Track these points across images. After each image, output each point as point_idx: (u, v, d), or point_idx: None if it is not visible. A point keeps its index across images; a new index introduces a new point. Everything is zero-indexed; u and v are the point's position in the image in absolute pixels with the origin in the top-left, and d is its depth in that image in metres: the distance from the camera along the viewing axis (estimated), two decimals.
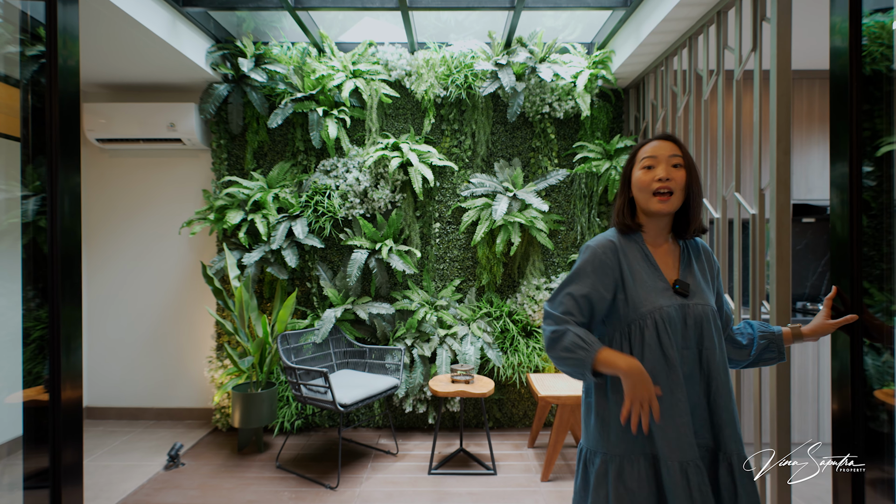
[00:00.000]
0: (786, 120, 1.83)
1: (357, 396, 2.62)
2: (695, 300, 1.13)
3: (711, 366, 1.11)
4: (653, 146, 1.15)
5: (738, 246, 2.17)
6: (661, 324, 1.09)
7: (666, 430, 1.07)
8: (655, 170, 1.12)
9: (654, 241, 1.19)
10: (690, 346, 1.12)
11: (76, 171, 1.35)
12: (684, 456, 1.05)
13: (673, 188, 1.12)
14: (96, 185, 3.53)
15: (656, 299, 1.11)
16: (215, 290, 2.96)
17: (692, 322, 1.12)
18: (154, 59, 2.91)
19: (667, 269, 1.17)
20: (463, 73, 3.27)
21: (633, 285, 1.13)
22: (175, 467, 2.78)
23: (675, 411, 1.07)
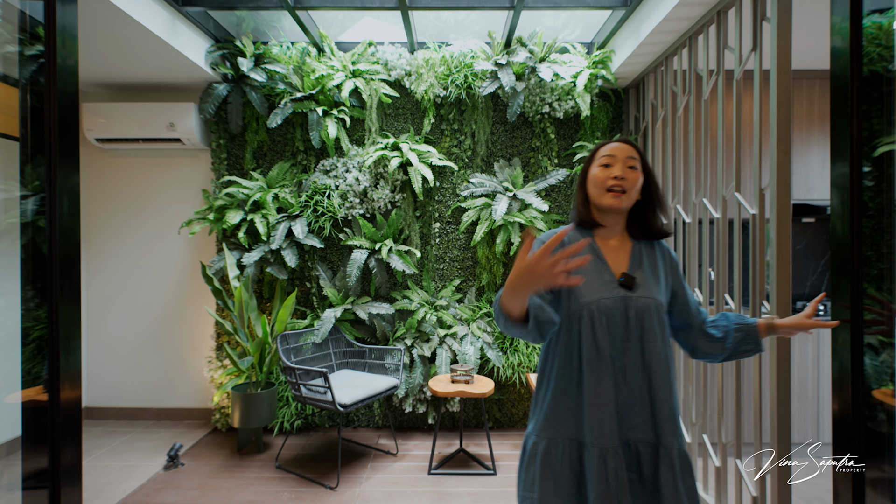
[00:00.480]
0: (786, 120, 1.83)
1: (357, 396, 2.62)
2: (638, 293, 1.15)
3: (653, 359, 1.13)
4: (612, 147, 1.19)
5: (738, 246, 2.17)
6: (596, 315, 1.13)
7: (590, 418, 1.11)
8: (612, 168, 1.17)
9: (607, 236, 1.23)
10: (632, 339, 1.14)
11: (75, 170, 1.34)
12: (605, 442, 1.09)
13: (626, 187, 1.16)
14: (96, 184, 3.52)
15: (596, 292, 1.15)
16: (215, 290, 2.96)
17: (634, 314, 1.14)
18: (153, 58, 2.90)
19: (616, 264, 1.20)
20: (463, 73, 3.27)
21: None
22: (174, 467, 2.77)
23: (601, 400, 1.11)
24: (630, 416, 1.13)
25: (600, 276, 1.17)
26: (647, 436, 1.12)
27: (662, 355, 1.14)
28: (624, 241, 1.23)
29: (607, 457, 1.09)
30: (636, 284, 1.16)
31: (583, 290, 1.15)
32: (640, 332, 1.14)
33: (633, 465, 1.13)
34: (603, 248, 1.22)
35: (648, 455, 1.12)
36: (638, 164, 1.18)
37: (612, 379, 1.12)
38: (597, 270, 1.18)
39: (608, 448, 1.09)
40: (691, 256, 2.54)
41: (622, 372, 1.13)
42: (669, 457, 1.10)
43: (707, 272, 2.43)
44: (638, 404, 1.13)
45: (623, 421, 1.12)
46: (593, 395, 1.11)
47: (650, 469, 1.12)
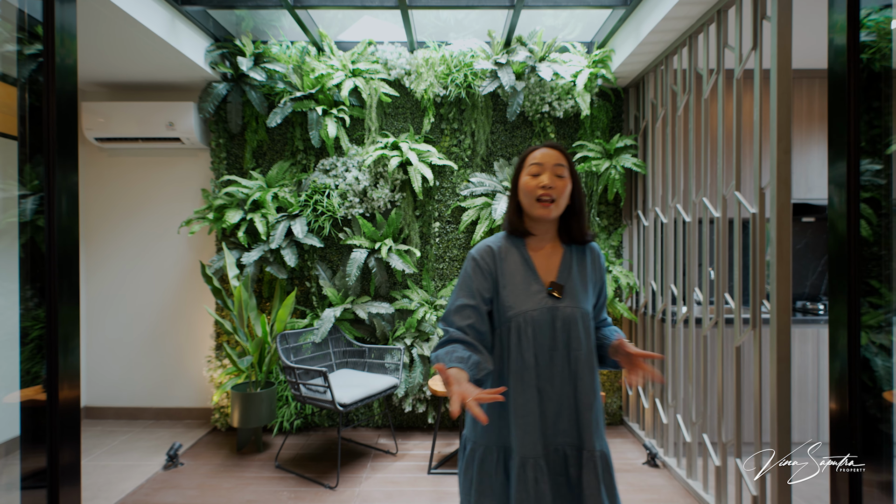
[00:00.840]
0: (786, 119, 1.82)
1: (356, 396, 2.62)
2: (565, 303, 1.17)
3: (578, 366, 1.16)
4: (540, 153, 1.19)
5: (738, 245, 2.17)
6: (522, 327, 1.15)
7: (516, 428, 1.15)
8: (540, 177, 1.17)
9: (538, 244, 1.24)
10: (559, 348, 1.16)
11: (74, 169, 1.34)
12: (527, 452, 1.13)
13: (555, 196, 1.16)
14: (95, 184, 3.52)
15: (524, 303, 1.17)
16: (214, 289, 2.95)
17: (560, 324, 1.16)
18: (153, 57, 2.90)
19: (546, 273, 1.21)
20: (462, 72, 3.26)
21: (504, 290, 1.19)
22: (174, 467, 2.77)
23: (524, 411, 1.15)
24: (559, 422, 1.16)
25: (529, 287, 1.18)
26: (572, 440, 1.16)
27: (587, 363, 1.17)
28: (556, 248, 1.24)
29: (527, 466, 1.13)
30: (564, 293, 1.18)
31: (511, 301, 1.17)
32: (567, 341, 1.16)
33: (560, 469, 1.17)
34: (534, 256, 1.22)
35: (574, 458, 1.16)
36: (566, 171, 1.18)
37: (536, 389, 1.15)
38: (526, 281, 1.19)
39: (529, 458, 1.13)
40: (691, 256, 2.54)
41: (550, 381, 1.16)
42: (592, 460, 1.14)
43: (707, 272, 2.43)
44: (565, 411, 1.16)
45: (552, 427, 1.16)
46: (517, 406, 1.15)
47: (575, 471, 1.16)
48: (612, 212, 3.43)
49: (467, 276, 1.21)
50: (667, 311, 2.81)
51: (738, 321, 2.13)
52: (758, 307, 2.00)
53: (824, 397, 2.87)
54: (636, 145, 3.28)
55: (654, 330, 2.99)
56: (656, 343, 2.97)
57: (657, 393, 2.97)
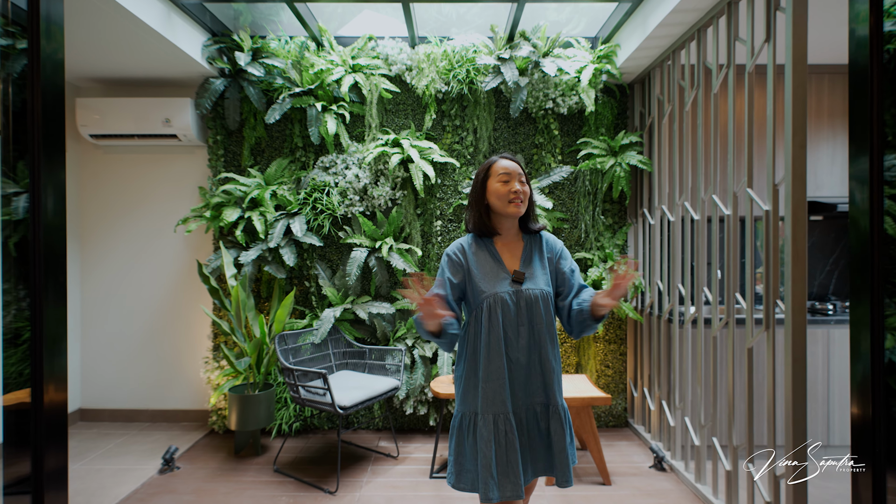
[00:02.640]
0: (802, 112, 1.76)
1: (357, 398, 2.55)
2: (527, 286, 1.43)
3: (540, 338, 1.42)
4: (507, 166, 1.45)
5: (749, 244, 2.11)
6: (493, 306, 1.40)
7: (485, 391, 1.40)
8: (510, 183, 1.43)
9: (504, 240, 1.51)
10: (525, 323, 1.41)
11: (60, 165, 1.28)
12: (497, 410, 1.38)
13: (523, 198, 1.45)
14: (91, 181, 3.46)
15: (493, 287, 1.42)
16: (211, 289, 2.89)
17: (524, 304, 1.41)
18: (148, 52, 2.84)
19: (510, 262, 1.48)
20: (465, 68, 3.20)
21: (476, 277, 1.44)
22: (170, 471, 2.71)
23: (494, 375, 1.39)
24: (530, 385, 1.43)
25: (497, 275, 1.44)
26: (542, 398, 1.44)
27: (547, 335, 1.43)
28: (518, 242, 1.52)
29: (498, 421, 1.38)
30: (525, 279, 1.44)
31: (483, 286, 1.43)
32: (530, 318, 1.42)
33: (534, 423, 1.43)
34: (500, 250, 1.49)
35: (543, 413, 1.44)
36: (525, 179, 1.46)
37: (507, 357, 1.41)
38: (494, 269, 1.45)
39: (500, 414, 1.38)
40: (700, 254, 2.47)
41: (518, 351, 1.41)
42: (557, 413, 1.42)
43: (715, 271, 2.37)
44: (534, 375, 1.43)
45: (524, 389, 1.43)
46: (487, 372, 1.40)
47: (545, 423, 1.43)
48: (616, 210, 3.37)
49: (441, 270, 1.49)
50: (674, 311, 2.75)
51: (749, 322, 2.07)
52: (771, 307, 1.94)
53: (834, 399, 2.81)
54: (642, 142, 3.22)
55: (661, 330, 2.93)
56: (663, 343, 2.91)
57: (664, 395, 2.91)
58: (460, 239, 1.52)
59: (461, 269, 1.46)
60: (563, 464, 1.40)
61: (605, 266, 3.20)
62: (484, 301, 1.41)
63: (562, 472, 1.39)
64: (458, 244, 1.50)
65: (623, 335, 3.39)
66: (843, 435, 2.80)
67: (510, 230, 1.50)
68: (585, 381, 2.85)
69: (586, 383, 2.81)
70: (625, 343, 3.39)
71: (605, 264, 3.22)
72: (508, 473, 1.35)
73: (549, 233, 1.57)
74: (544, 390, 1.43)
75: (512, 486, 1.34)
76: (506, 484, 1.34)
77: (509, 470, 1.35)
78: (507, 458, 1.35)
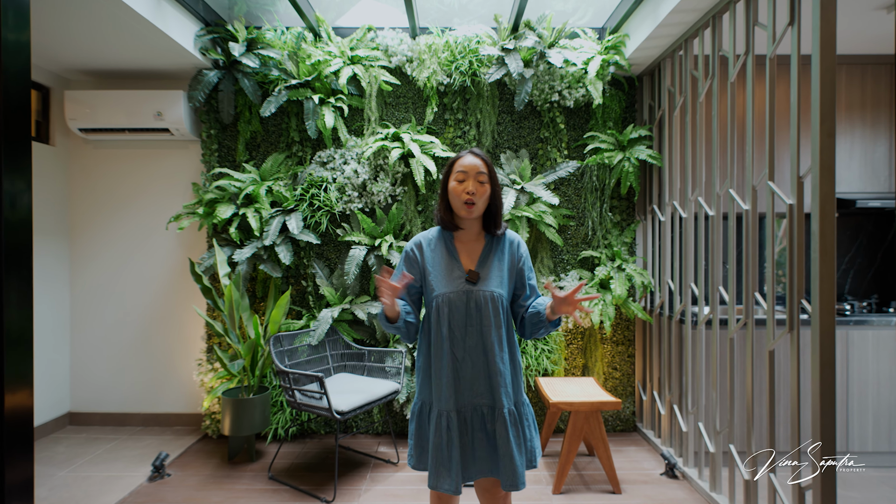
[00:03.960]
0: (830, 98, 1.65)
1: (355, 403, 2.44)
2: (480, 287, 1.40)
3: (487, 340, 1.40)
4: (466, 164, 1.41)
5: (769, 241, 1.99)
6: (442, 306, 1.40)
7: (434, 387, 1.42)
8: (466, 183, 1.40)
9: (465, 236, 1.48)
10: (474, 324, 1.40)
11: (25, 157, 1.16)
12: (442, 406, 1.39)
13: (476, 200, 1.39)
14: (80, 177, 3.34)
15: (445, 287, 1.41)
16: (204, 288, 2.78)
17: (473, 305, 1.40)
18: (138, 42, 2.72)
19: (468, 260, 1.45)
20: (467, 59, 3.08)
21: (430, 275, 1.44)
22: (160, 478, 2.59)
23: (440, 374, 1.40)
24: (476, 385, 1.41)
25: (452, 273, 1.43)
26: (488, 400, 1.41)
27: (496, 337, 1.40)
28: (479, 240, 1.48)
29: (442, 417, 1.39)
30: (479, 279, 1.41)
31: (435, 284, 1.42)
32: (479, 319, 1.40)
33: (480, 425, 1.41)
34: (459, 247, 1.47)
35: (489, 415, 1.41)
36: (486, 177, 1.41)
37: (453, 356, 1.40)
38: (450, 267, 1.44)
39: (444, 411, 1.39)
40: (715, 252, 2.36)
41: (466, 350, 1.40)
42: (502, 415, 1.38)
43: (733, 269, 2.25)
44: (481, 376, 1.41)
45: (470, 390, 1.41)
46: (435, 370, 1.41)
47: (491, 425, 1.41)
48: (624, 207, 3.25)
49: (399, 265, 1.51)
50: (686, 311, 2.64)
51: (770, 323, 1.96)
52: (796, 307, 1.82)
53: (853, 403, 2.69)
54: (651, 136, 3.10)
55: (672, 331, 2.81)
56: (674, 345, 2.79)
57: (675, 399, 2.79)
58: (422, 233, 1.52)
59: (416, 266, 1.47)
60: (508, 468, 1.36)
61: (613, 265, 3.08)
62: (435, 299, 1.41)
63: (506, 475, 1.36)
64: (417, 240, 1.50)
65: (631, 336, 3.27)
66: (864, 440, 2.68)
67: (471, 229, 1.47)
68: (594, 385, 2.73)
69: (594, 387, 2.70)
70: (633, 345, 3.28)
71: (614, 263, 3.10)
72: (449, 468, 1.37)
73: (514, 233, 1.53)
74: (490, 392, 1.41)
75: (449, 481, 1.36)
76: (445, 478, 1.37)
77: (450, 465, 1.37)
78: (449, 454, 1.37)
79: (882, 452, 2.68)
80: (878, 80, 3.00)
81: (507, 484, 1.36)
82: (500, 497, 1.47)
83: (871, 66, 2.99)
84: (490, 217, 1.47)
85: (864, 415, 2.68)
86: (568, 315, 1.35)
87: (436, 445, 1.38)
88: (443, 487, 1.36)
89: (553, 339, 3.14)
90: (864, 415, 2.68)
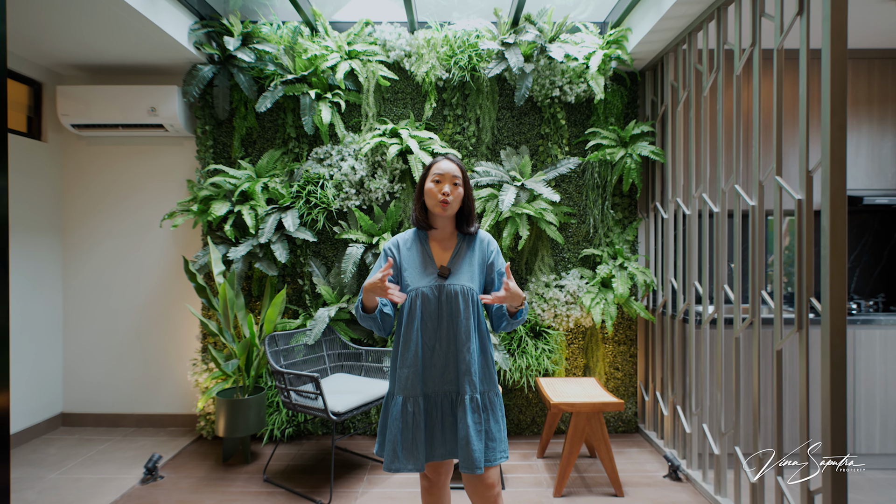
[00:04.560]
0: (841, 89, 1.59)
1: (352, 403, 2.38)
2: (451, 282, 1.51)
3: (458, 332, 1.50)
4: (442, 168, 1.53)
5: (776, 237, 1.93)
6: (416, 300, 1.50)
7: (401, 375, 1.50)
8: (441, 185, 1.52)
9: (438, 236, 1.59)
10: (444, 317, 1.50)
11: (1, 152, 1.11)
12: (408, 393, 1.49)
13: (450, 200, 1.52)
14: (74, 174, 3.29)
15: (419, 281, 1.51)
16: (198, 286, 2.72)
17: (444, 299, 1.50)
18: (131, 35, 2.67)
19: (440, 258, 1.56)
20: (467, 54, 3.03)
21: (405, 272, 1.54)
22: (153, 480, 2.54)
23: (409, 362, 1.50)
24: (446, 373, 1.51)
25: (425, 269, 1.54)
26: (455, 387, 1.51)
27: (464, 329, 1.49)
28: (452, 239, 1.60)
29: (409, 403, 1.48)
30: (451, 274, 1.52)
31: (409, 280, 1.53)
32: (449, 312, 1.50)
33: (448, 410, 1.51)
34: (433, 245, 1.59)
35: (456, 401, 1.50)
36: (460, 181, 1.54)
37: (423, 347, 1.50)
38: (423, 264, 1.55)
39: (410, 397, 1.48)
40: (720, 250, 2.30)
41: (438, 341, 1.51)
42: (464, 402, 1.47)
43: (738, 267, 2.20)
44: (451, 365, 1.51)
45: (440, 377, 1.51)
46: (404, 359, 1.50)
47: (456, 410, 1.50)
48: (626, 204, 3.20)
49: (378, 263, 1.59)
50: (690, 310, 2.58)
51: (778, 322, 1.90)
52: (804, 305, 1.77)
53: (861, 405, 2.63)
54: (654, 132, 3.05)
55: (675, 331, 2.76)
56: (677, 345, 2.74)
57: (678, 399, 2.74)
58: (399, 234, 1.63)
59: (394, 264, 1.56)
60: (465, 451, 1.44)
61: (614, 263, 3.03)
62: (410, 294, 1.51)
63: (463, 458, 1.45)
64: (394, 240, 1.61)
65: (633, 336, 3.22)
66: (871, 442, 2.63)
67: (445, 228, 1.58)
68: (595, 386, 2.68)
69: (596, 387, 2.64)
70: (635, 344, 3.22)
71: (615, 261, 3.05)
72: (412, 450, 1.46)
73: (486, 233, 1.65)
74: (457, 380, 1.50)
75: (414, 461, 1.46)
76: (409, 459, 1.46)
77: (413, 447, 1.46)
78: (413, 436, 1.47)
79: (890, 454, 2.63)
80: (885, 75, 2.95)
81: (465, 466, 1.44)
82: (487, 493, 1.51)
83: (879, 61, 2.93)
84: (462, 217, 1.59)
85: (871, 416, 2.63)
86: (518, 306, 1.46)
87: (401, 429, 1.47)
88: (408, 468, 1.46)
89: (554, 339, 3.09)
90: (871, 416, 2.63)
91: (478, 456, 1.43)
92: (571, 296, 3.09)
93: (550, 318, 3.12)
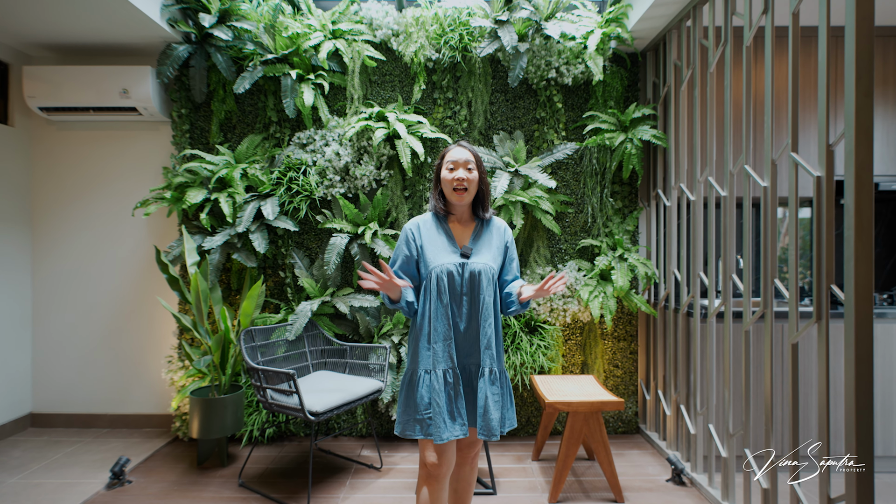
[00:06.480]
0: (868, 51, 1.43)
1: (331, 403, 2.21)
2: (473, 260, 1.58)
3: (481, 308, 1.56)
4: (455, 155, 1.59)
5: (793, 222, 1.77)
6: (440, 277, 1.55)
7: (435, 350, 1.55)
8: (456, 171, 1.58)
9: (458, 220, 1.66)
10: (468, 293, 1.57)
11: None
12: (446, 365, 1.54)
13: (467, 186, 1.58)
14: (42, 161, 3.11)
15: (442, 259, 1.57)
16: (170, 278, 2.55)
17: (468, 276, 1.56)
18: (100, 11, 2.49)
19: (461, 239, 1.64)
20: (458, 32, 2.86)
21: (427, 251, 1.59)
22: (119, 485, 2.37)
23: (439, 336, 1.55)
24: (468, 347, 1.58)
25: (447, 249, 1.60)
26: (475, 360, 1.58)
27: (488, 306, 1.56)
28: (470, 222, 1.67)
29: (447, 374, 1.54)
30: (472, 254, 1.59)
31: (432, 258, 1.58)
32: (471, 288, 1.57)
33: (469, 381, 1.58)
34: (453, 228, 1.65)
35: (475, 373, 1.57)
36: (475, 166, 1.60)
37: (449, 322, 1.55)
38: (445, 245, 1.61)
39: (449, 369, 1.55)
40: (728, 237, 2.14)
41: (461, 317, 1.57)
42: (484, 373, 1.55)
43: (747, 257, 2.03)
44: (472, 340, 1.58)
45: (464, 351, 1.58)
46: (433, 333, 1.55)
47: (476, 381, 1.57)
48: (627, 192, 3.03)
49: (398, 246, 1.65)
50: (695, 303, 2.41)
51: (793, 314, 1.74)
52: (825, 295, 1.60)
53: (878, 401, 2.47)
54: (655, 115, 2.88)
55: (678, 325, 2.59)
56: (681, 341, 2.57)
57: (681, 398, 2.57)
58: (419, 216, 1.67)
59: (414, 245, 1.61)
60: (485, 419, 1.53)
61: (614, 254, 2.87)
62: (433, 271, 1.56)
63: (483, 425, 1.53)
64: (415, 221, 1.65)
65: (634, 331, 3.05)
66: (888, 443, 2.47)
67: (463, 213, 1.66)
68: (594, 384, 2.51)
69: (595, 385, 2.48)
70: (636, 340, 3.06)
71: (615, 252, 2.88)
72: (456, 417, 1.53)
73: (501, 220, 1.72)
74: (479, 354, 1.57)
75: (460, 427, 1.53)
76: (455, 426, 1.52)
77: (457, 414, 1.54)
78: (456, 405, 1.54)
79: None
80: None
81: (483, 433, 1.52)
82: (470, 452, 1.67)
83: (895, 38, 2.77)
84: (477, 201, 1.65)
85: (888, 415, 2.47)
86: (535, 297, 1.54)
87: (444, 401, 1.51)
88: (455, 434, 1.51)
89: (550, 335, 2.92)
90: (888, 415, 2.47)
91: (495, 424, 1.53)
92: (568, 289, 2.92)
93: (546, 313, 2.96)
